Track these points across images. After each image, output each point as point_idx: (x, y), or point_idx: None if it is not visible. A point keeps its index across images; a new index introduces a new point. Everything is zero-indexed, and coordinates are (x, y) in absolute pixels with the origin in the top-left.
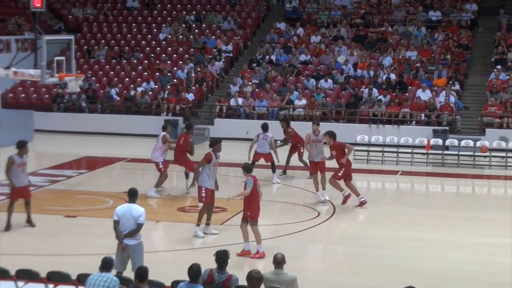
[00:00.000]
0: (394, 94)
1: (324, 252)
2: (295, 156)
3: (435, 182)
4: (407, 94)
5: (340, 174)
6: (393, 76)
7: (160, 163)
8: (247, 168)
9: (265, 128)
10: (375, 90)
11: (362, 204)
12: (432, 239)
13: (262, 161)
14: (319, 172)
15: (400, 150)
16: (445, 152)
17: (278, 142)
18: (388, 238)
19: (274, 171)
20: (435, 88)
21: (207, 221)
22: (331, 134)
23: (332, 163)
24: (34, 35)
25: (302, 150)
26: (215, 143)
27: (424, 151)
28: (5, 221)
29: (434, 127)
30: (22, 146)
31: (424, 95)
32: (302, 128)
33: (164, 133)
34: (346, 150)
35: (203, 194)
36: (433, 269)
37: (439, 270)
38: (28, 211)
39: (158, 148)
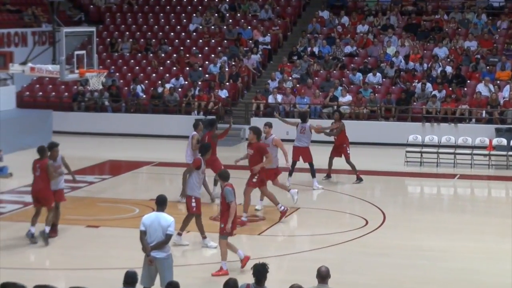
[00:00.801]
0: (450, 89)
1: (373, 265)
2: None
3: (498, 186)
4: (465, 88)
5: (254, 180)
6: (449, 69)
7: None
8: (223, 176)
9: (304, 117)
10: (429, 85)
11: (282, 214)
12: (495, 251)
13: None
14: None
15: (458, 151)
16: (510, 153)
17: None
18: (446, 249)
19: (314, 176)
20: (498, 82)
21: (180, 231)
22: (255, 131)
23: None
24: (52, 27)
25: (348, 151)
26: (207, 149)
27: (485, 152)
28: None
29: (497, 125)
30: (51, 148)
31: (485, 89)
32: (348, 128)
33: (194, 132)
34: (265, 158)
35: (193, 204)
36: (497, 284)
37: (504, 285)
38: (54, 217)
39: (188, 149)
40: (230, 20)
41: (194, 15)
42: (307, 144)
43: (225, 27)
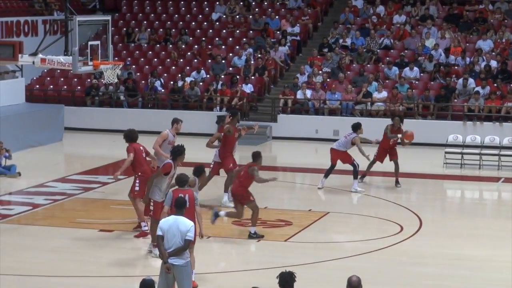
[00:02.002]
0: (495, 85)
1: (408, 275)
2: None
3: None
4: (511, 85)
5: (136, 189)
6: (494, 64)
7: (211, 164)
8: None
9: (355, 128)
10: (471, 80)
11: (142, 235)
12: None
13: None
14: None
15: (503, 152)
16: None
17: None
18: (487, 258)
19: (355, 177)
20: None
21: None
22: (126, 135)
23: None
24: (65, 16)
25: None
26: (180, 153)
27: None
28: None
29: None
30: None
31: None
32: (383, 127)
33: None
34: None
35: (151, 207)
36: None
37: None
38: None
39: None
40: (257, 9)
41: (218, 3)
42: (343, 149)
43: (251, 16)
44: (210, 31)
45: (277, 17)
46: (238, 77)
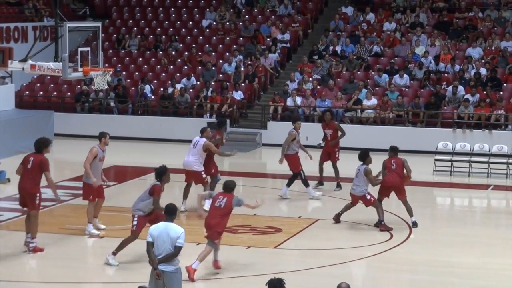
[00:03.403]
0: (484, 92)
1: (398, 282)
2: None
3: None
4: (501, 92)
5: (37, 202)
6: (483, 71)
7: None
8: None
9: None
10: (461, 88)
11: (35, 251)
12: None
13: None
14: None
15: (492, 160)
16: None
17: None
18: (477, 266)
19: (307, 185)
20: None
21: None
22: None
23: None
24: (55, 22)
25: (337, 155)
26: (164, 172)
27: None
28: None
29: None
30: None
31: None
32: (372, 134)
33: (204, 139)
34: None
35: (134, 222)
36: None
37: None
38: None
39: (197, 156)
40: (247, 16)
41: (208, 10)
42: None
43: (241, 23)
44: (200, 38)
45: (267, 23)
46: (228, 84)
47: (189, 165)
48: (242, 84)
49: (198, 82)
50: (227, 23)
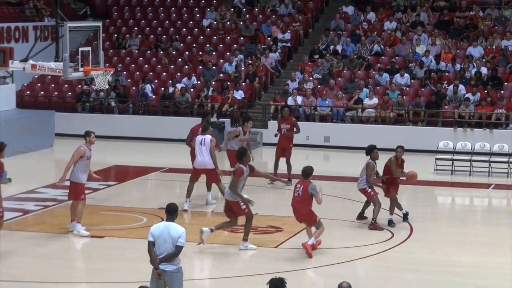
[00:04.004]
0: (485, 91)
1: (399, 281)
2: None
3: None
4: (502, 91)
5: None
6: (484, 70)
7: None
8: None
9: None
10: (461, 87)
11: None
12: None
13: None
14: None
15: (493, 159)
16: None
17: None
18: (477, 265)
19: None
20: None
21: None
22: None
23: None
24: (56, 22)
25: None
26: (244, 153)
27: None
28: None
29: None
30: None
31: None
32: (374, 133)
33: (209, 136)
34: None
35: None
36: None
37: None
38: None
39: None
40: (247, 16)
41: (208, 9)
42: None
43: (241, 22)
44: (201, 37)
45: (267, 22)
46: (228, 83)
47: (205, 164)
48: (243, 84)
49: (199, 82)
50: (228, 23)
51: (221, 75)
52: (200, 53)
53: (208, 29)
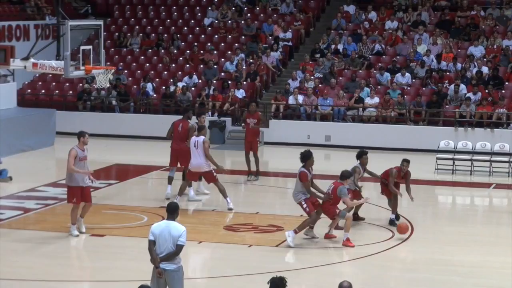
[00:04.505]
0: (486, 91)
1: (399, 280)
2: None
3: None
4: (503, 91)
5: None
6: (485, 70)
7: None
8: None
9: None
10: (462, 86)
11: None
12: None
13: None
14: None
15: (494, 158)
16: None
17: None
18: (478, 264)
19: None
20: None
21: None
22: None
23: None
24: (57, 20)
25: (258, 145)
26: (309, 156)
27: None
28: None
29: None
30: None
31: None
32: (375, 132)
33: (203, 137)
34: None
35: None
36: None
37: None
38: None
39: (201, 155)
40: (249, 14)
41: (210, 8)
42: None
43: (242, 21)
44: (202, 36)
45: (268, 21)
46: (230, 82)
47: (199, 166)
48: (244, 83)
49: (200, 81)
50: (229, 22)
51: (222, 74)
52: (201, 52)
53: (210, 28)
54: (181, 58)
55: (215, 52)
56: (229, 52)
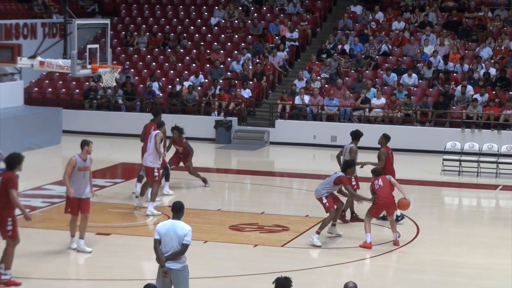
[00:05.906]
0: (494, 92)
1: (405, 281)
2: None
3: None
4: (510, 92)
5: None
6: (493, 71)
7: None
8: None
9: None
10: (470, 88)
11: (7, 285)
12: None
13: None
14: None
15: (501, 160)
16: None
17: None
18: (484, 266)
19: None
20: None
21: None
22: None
23: None
24: (64, 19)
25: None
26: (349, 166)
27: None
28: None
29: None
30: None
31: None
32: (380, 133)
33: (158, 131)
34: None
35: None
36: None
37: None
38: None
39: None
40: (255, 14)
41: (216, 8)
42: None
43: (249, 21)
44: (209, 35)
45: (275, 21)
46: (236, 82)
47: (144, 160)
48: (250, 83)
49: (206, 80)
50: (236, 21)
51: (229, 73)
52: (208, 51)
53: (216, 28)
54: (187, 58)
55: (222, 51)
56: (236, 51)
